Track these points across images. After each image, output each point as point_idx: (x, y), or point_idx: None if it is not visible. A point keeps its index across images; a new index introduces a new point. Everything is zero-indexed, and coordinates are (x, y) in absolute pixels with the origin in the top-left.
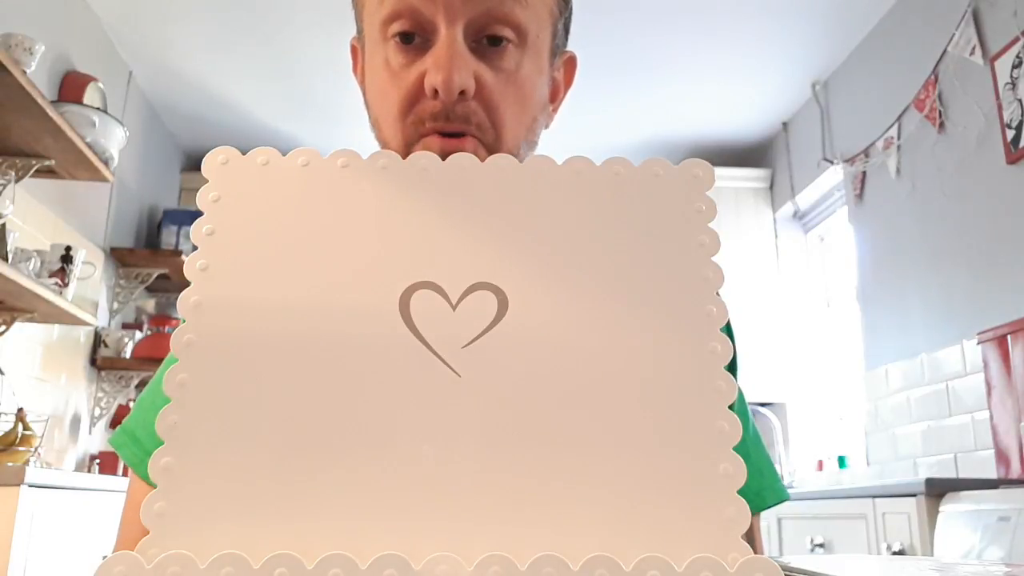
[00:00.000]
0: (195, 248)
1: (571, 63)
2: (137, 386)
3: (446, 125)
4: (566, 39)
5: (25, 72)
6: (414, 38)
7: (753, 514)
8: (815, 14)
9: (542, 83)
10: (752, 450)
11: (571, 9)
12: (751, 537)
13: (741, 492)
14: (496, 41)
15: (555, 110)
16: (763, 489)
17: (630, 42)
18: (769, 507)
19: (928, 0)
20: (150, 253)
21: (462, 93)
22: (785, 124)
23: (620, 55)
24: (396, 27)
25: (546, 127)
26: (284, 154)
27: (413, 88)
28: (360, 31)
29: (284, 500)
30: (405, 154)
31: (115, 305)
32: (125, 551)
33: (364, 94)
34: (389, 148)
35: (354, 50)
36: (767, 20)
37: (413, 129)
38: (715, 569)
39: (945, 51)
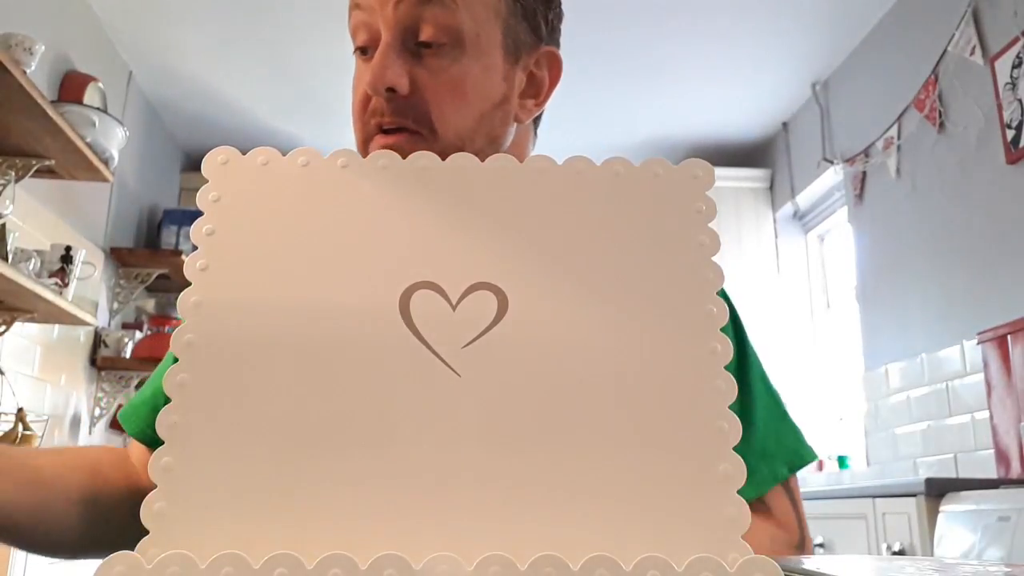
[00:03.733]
0: (195, 248)
1: (552, 59)
2: (137, 386)
3: (383, 120)
4: (538, 36)
5: (25, 72)
6: (367, 51)
7: (793, 472)
8: (815, 14)
9: (491, 79)
10: (786, 411)
11: (537, 8)
12: (792, 498)
13: (783, 451)
14: (427, 44)
15: (538, 104)
16: (800, 447)
17: (630, 42)
18: (807, 464)
19: (928, 0)
20: (150, 253)
21: (393, 91)
22: (785, 124)
23: (620, 55)
24: (356, 41)
25: (520, 121)
26: (284, 154)
27: (365, 91)
28: None
29: (284, 500)
30: (363, 146)
31: (115, 305)
32: (125, 552)
33: None
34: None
35: None
36: (767, 20)
37: (368, 125)
38: (715, 569)
39: (945, 51)
